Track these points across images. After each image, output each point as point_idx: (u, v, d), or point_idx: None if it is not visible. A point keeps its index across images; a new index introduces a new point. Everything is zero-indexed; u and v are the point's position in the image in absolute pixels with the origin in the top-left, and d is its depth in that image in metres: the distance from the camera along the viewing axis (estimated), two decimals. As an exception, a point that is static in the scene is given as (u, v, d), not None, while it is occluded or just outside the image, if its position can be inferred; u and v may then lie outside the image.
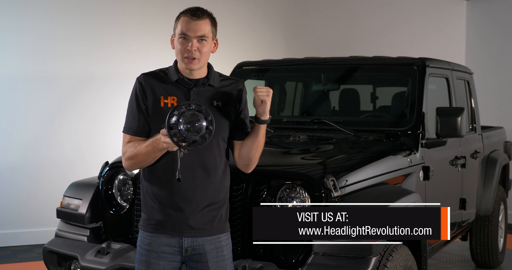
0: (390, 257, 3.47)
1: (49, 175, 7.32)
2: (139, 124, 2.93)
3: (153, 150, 2.78)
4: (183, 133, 2.58)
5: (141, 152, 2.82)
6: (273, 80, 5.66)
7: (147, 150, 2.80)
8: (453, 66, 5.65)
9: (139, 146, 2.84)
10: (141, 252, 2.93)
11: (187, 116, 2.59)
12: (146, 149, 2.80)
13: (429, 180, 4.68)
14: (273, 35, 8.69)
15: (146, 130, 2.94)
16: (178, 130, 2.58)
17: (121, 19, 7.67)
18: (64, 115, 7.42)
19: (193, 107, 2.62)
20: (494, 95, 8.96)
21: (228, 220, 3.01)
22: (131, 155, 2.87)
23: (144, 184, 2.96)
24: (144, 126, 2.93)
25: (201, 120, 2.61)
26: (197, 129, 2.60)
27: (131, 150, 2.87)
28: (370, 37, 9.29)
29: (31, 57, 7.24)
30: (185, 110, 2.60)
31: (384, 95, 5.49)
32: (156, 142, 2.75)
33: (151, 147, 2.78)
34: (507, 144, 7.04)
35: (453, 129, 4.65)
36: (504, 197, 6.73)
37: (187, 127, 2.58)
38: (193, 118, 2.60)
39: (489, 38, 9.63)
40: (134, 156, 2.85)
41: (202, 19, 2.88)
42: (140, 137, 2.93)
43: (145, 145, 2.81)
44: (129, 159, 2.89)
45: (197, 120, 2.60)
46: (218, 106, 2.92)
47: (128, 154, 2.88)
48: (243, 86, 3.04)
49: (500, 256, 6.67)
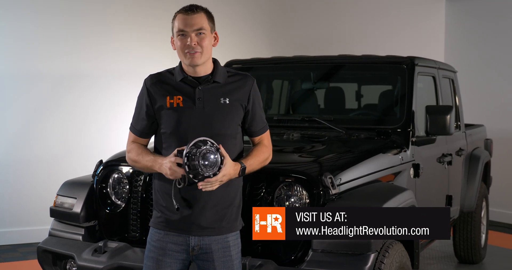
0: (387, 253, 3.51)
1: (34, 173, 7.26)
2: (143, 127, 3.03)
3: (151, 168, 2.91)
4: (198, 167, 2.69)
5: (141, 162, 2.96)
6: (262, 78, 5.67)
7: (147, 164, 2.93)
8: (439, 65, 5.74)
9: (142, 156, 2.95)
10: (150, 248, 2.97)
11: (205, 153, 2.70)
12: (146, 163, 2.93)
13: (419, 177, 4.75)
14: (256, 34, 8.71)
15: (150, 132, 3.04)
16: (196, 162, 2.69)
17: (107, 19, 7.64)
18: (50, 113, 7.36)
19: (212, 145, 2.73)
20: (472, 93, 9.07)
21: (239, 219, 3.02)
22: (134, 159, 3.00)
23: (155, 183, 3.01)
24: (147, 128, 3.02)
25: (217, 159, 2.72)
26: (212, 165, 2.72)
27: (134, 156, 2.99)
28: (350, 35, 9.34)
29: (16, 55, 7.17)
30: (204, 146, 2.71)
31: (373, 93, 5.54)
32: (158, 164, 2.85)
33: (150, 164, 2.90)
34: (488, 141, 7.16)
35: (443, 127, 4.71)
36: (486, 193, 6.85)
37: (205, 163, 2.69)
38: (211, 155, 2.72)
39: (468, 36, 9.75)
40: (136, 162, 2.99)
41: (196, 13, 2.92)
42: (143, 139, 3.05)
43: (146, 159, 2.93)
44: (132, 161, 3.02)
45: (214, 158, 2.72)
46: (225, 103, 2.92)
47: (132, 157, 3.01)
48: (252, 82, 3.03)
49: (483, 252, 6.78)
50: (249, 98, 2.99)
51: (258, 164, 2.98)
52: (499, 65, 9.23)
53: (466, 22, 9.77)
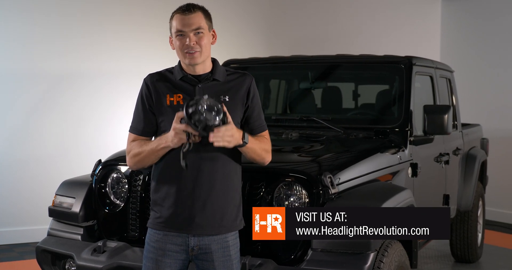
0: (386, 252, 3.51)
1: (30, 172, 7.24)
2: (145, 124, 2.99)
3: (157, 148, 2.85)
4: (204, 116, 2.63)
5: (145, 150, 2.90)
6: (259, 78, 5.67)
7: (152, 147, 2.87)
8: (437, 65, 5.75)
9: (146, 145, 2.91)
10: (149, 249, 2.96)
11: (206, 103, 2.65)
12: (151, 146, 2.88)
13: (417, 176, 4.76)
14: (253, 34, 8.70)
15: (152, 130, 3.00)
16: (200, 114, 2.63)
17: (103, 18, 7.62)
18: (47, 112, 7.34)
19: (206, 97, 2.68)
20: (468, 93, 9.09)
21: (239, 218, 3.02)
22: (135, 153, 2.94)
23: (153, 183, 3.00)
24: (150, 126, 2.99)
25: (218, 105, 2.68)
26: (218, 111, 2.66)
27: (136, 148, 2.94)
28: (346, 34, 9.35)
29: (12, 55, 7.15)
30: (200, 99, 2.66)
31: (371, 93, 5.55)
32: (163, 138, 2.81)
33: (155, 144, 2.86)
34: (484, 141, 7.19)
35: (440, 126, 4.73)
36: (483, 193, 6.87)
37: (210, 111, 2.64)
38: (211, 104, 2.66)
39: (463, 35, 9.77)
40: (138, 153, 2.93)
41: (194, 13, 2.93)
42: (145, 136, 3.00)
43: (150, 144, 2.89)
44: (133, 156, 2.96)
45: (215, 105, 2.67)
46: (225, 100, 2.93)
47: (133, 152, 2.95)
48: (251, 80, 3.04)
49: (479, 251, 6.81)
50: (248, 95, 3.00)
51: (258, 148, 2.94)
52: (494, 65, 9.26)
53: (462, 22, 9.79)
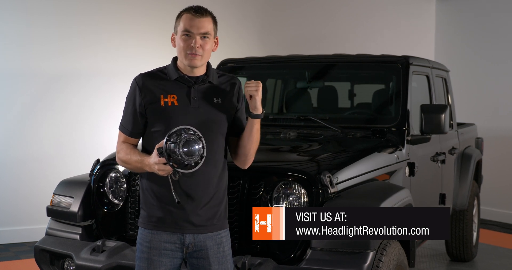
0: (385, 252, 3.53)
1: (27, 172, 7.22)
2: (133, 126, 3.00)
3: (142, 168, 2.90)
4: (182, 159, 2.66)
5: (131, 163, 2.94)
6: (256, 77, 5.67)
7: (136, 165, 2.91)
8: (433, 64, 5.77)
9: (131, 156, 2.93)
10: (142, 249, 2.95)
11: (184, 141, 2.67)
12: (136, 164, 2.91)
13: (414, 176, 4.77)
14: (249, 33, 8.71)
15: (140, 132, 3.02)
16: (178, 156, 2.66)
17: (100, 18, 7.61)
18: (43, 112, 7.33)
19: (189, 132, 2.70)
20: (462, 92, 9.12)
21: (227, 217, 3.05)
22: (123, 160, 2.97)
23: (143, 182, 2.99)
24: (138, 128, 3.00)
25: (197, 144, 2.70)
26: (192, 153, 2.68)
27: (123, 156, 2.97)
28: (341, 33, 9.37)
29: (8, 55, 7.13)
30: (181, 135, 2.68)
31: (368, 92, 5.56)
32: (147, 166, 2.84)
33: (139, 165, 2.90)
34: (479, 140, 7.22)
35: (437, 126, 4.75)
36: (478, 192, 6.90)
37: (185, 151, 2.67)
38: (189, 142, 2.69)
39: (458, 35, 9.80)
40: (125, 162, 2.97)
41: (205, 16, 2.94)
42: (133, 138, 3.03)
43: (135, 159, 2.91)
44: (121, 161, 3.01)
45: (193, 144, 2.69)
46: (218, 102, 2.97)
47: (121, 158, 2.98)
48: (240, 82, 3.09)
49: (474, 250, 6.84)
50: (238, 98, 3.06)
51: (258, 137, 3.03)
52: (488, 64, 9.30)
53: (456, 21, 9.82)
